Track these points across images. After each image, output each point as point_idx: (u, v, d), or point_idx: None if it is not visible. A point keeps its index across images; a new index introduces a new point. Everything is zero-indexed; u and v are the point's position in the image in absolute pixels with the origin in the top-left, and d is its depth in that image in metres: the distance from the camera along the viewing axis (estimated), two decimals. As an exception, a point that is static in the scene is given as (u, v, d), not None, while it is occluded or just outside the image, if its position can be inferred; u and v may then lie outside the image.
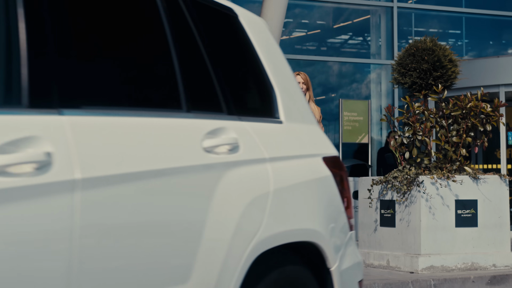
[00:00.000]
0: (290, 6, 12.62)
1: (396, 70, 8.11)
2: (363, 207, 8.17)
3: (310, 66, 13.32)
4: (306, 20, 13.53)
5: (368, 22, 13.72)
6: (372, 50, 13.76)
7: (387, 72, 13.49)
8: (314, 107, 7.96)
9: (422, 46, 8.00)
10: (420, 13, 14.06)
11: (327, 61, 13.42)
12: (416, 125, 7.76)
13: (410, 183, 7.63)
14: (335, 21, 13.72)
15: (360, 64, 13.76)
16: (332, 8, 13.59)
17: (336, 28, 13.74)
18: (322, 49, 13.65)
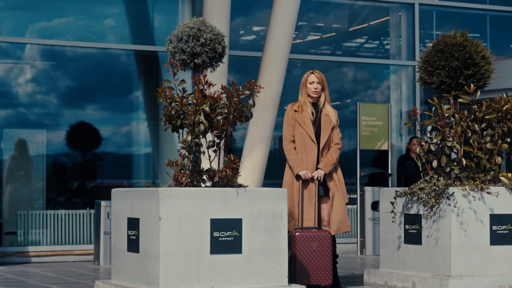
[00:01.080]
0: (304, 6, 11.80)
1: (422, 69, 7.24)
2: (385, 221, 7.30)
3: (325, 67, 12.45)
4: (321, 20, 12.66)
5: (387, 21, 12.83)
6: (391, 50, 12.88)
7: (408, 73, 12.59)
8: (331, 110, 7.10)
9: (452, 41, 7.13)
10: (442, 11, 13.16)
11: (343, 62, 12.55)
12: (445, 130, 6.88)
13: (438, 195, 6.75)
14: (352, 18, 12.84)
15: (379, 65, 12.87)
16: (348, 5, 12.72)
17: (353, 26, 12.86)
18: (338, 51, 12.77)
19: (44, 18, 11.29)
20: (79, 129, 11.71)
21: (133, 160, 11.91)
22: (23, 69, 11.28)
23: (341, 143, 7.21)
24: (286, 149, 7.03)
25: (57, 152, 11.64)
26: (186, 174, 6.04)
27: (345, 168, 12.91)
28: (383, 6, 12.83)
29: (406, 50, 12.68)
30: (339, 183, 7.05)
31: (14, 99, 11.20)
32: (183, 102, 6.00)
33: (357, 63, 12.69)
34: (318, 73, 7.04)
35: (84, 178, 11.93)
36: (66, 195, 11.69)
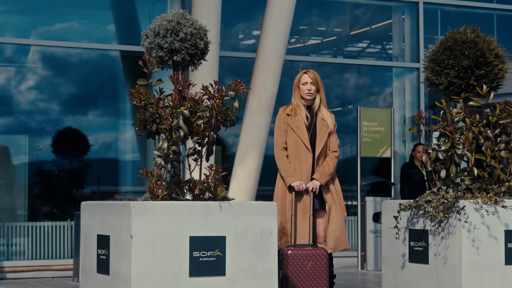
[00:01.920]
0: (304, 9, 11.10)
1: (428, 68, 6.53)
2: (388, 237, 6.58)
3: (326, 73, 11.75)
4: (322, 24, 11.95)
5: (389, 24, 12.13)
6: (394, 52, 12.16)
7: (412, 76, 11.88)
8: (327, 114, 6.40)
9: (462, 38, 6.42)
10: (447, 10, 12.45)
11: (344, 65, 11.83)
12: (454, 136, 6.17)
13: (447, 209, 6.04)
14: (354, 21, 12.14)
15: (381, 68, 12.15)
16: (350, 6, 12.02)
17: (354, 29, 12.16)
18: (339, 55, 12.05)
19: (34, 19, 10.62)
20: (65, 135, 11.04)
21: (119, 167, 11.21)
22: (3, 71, 10.59)
23: (340, 151, 6.51)
24: (278, 157, 6.33)
25: (41, 159, 10.96)
26: (163, 186, 5.33)
27: (345, 177, 12.33)
28: (385, 5, 12.12)
29: (410, 52, 11.97)
30: (336, 195, 6.34)
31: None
32: (159, 105, 5.29)
33: (359, 65, 11.98)
34: (312, 72, 6.35)
35: (67, 187, 11.24)
36: (48, 205, 10.99)
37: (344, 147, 11.72)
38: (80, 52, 10.68)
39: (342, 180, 12.59)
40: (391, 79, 12.20)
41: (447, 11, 12.48)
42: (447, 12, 12.47)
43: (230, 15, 11.27)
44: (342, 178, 11.79)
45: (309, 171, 6.27)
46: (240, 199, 9.63)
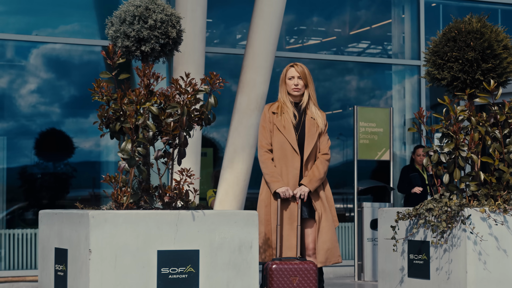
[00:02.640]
0: (301, 8, 10.48)
1: (430, 62, 5.88)
2: (385, 249, 5.94)
3: (319, 66, 11.11)
4: (321, 23, 11.31)
5: (389, 23, 11.47)
6: (393, 48, 11.50)
7: (412, 73, 11.23)
8: (317, 112, 5.76)
9: (467, 27, 5.77)
10: (449, 4, 11.80)
11: (341, 61, 11.18)
12: (459, 137, 5.53)
13: (451, 218, 5.40)
14: (353, 20, 11.49)
15: (381, 65, 11.49)
16: (349, 3, 11.37)
17: (353, 29, 11.51)
18: (338, 50, 11.38)
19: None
20: (49, 136, 10.41)
21: (101, 171, 10.56)
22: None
23: (331, 153, 5.86)
24: (262, 160, 5.69)
25: (20, 163, 10.32)
26: (128, 192, 4.69)
27: (341, 180, 11.68)
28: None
29: (410, 48, 11.32)
30: (327, 203, 5.70)
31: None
32: (123, 100, 4.65)
33: (358, 65, 11.32)
34: (299, 66, 5.71)
35: (51, 191, 10.60)
36: (27, 211, 10.35)
37: (340, 149, 11.08)
38: (62, 48, 10.05)
39: (337, 184, 12.03)
40: (390, 75, 11.55)
41: (449, 5, 11.82)
42: (449, 7, 11.82)
43: (226, 9, 10.66)
44: (337, 182, 11.18)
45: (296, 175, 5.62)
46: (228, 204, 8.99)
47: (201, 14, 8.63)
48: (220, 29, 11.08)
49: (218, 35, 10.95)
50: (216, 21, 10.85)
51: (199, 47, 8.66)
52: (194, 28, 8.60)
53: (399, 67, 11.38)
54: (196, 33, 8.63)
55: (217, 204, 9.11)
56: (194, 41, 8.61)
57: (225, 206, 9.02)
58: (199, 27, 8.64)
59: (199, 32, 8.63)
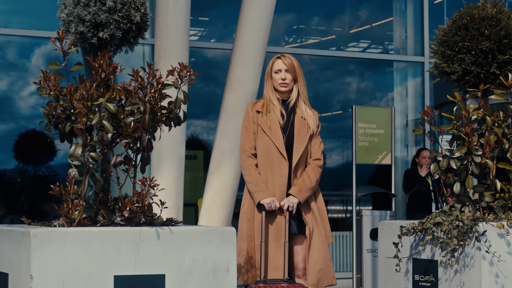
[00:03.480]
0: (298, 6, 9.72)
1: (438, 53, 5.12)
2: (386, 268, 5.18)
3: (316, 65, 10.35)
4: (321, 22, 10.54)
5: (390, 21, 10.70)
6: (395, 43, 10.72)
7: (415, 70, 10.46)
8: (308, 111, 5.00)
9: (481, 13, 5.01)
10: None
11: (337, 59, 10.41)
12: (472, 139, 4.77)
13: (463, 234, 4.64)
14: (353, 19, 10.73)
15: (380, 62, 10.70)
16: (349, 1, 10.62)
17: (353, 28, 10.74)
18: (332, 45, 10.59)
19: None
20: (28, 138, 9.70)
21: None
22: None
23: (326, 157, 5.07)
24: (244, 166, 4.93)
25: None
26: (80, 206, 3.93)
27: (337, 186, 10.90)
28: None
29: (413, 43, 10.54)
30: (320, 215, 4.94)
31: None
32: (74, 96, 3.89)
33: (355, 61, 10.55)
34: (287, 57, 4.95)
35: (29, 197, 9.86)
36: (9, 218, 9.62)
37: (338, 152, 10.30)
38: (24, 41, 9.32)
39: (334, 190, 11.26)
40: (391, 72, 10.77)
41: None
42: (454, 1, 11.05)
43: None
44: (334, 187, 10.42)
45: (284, 184, 4.86)
46: (215, 213, 8.23)
47: (184, 5, 7.86)
48: (219, 27, 10.36)
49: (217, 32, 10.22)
50: (214, 19, 10.13)
51: (182, 40, 7.90)
52: (177, 19, 7.84)
53: (401, 64, 10.61)
54: (179, 25, 7.87)
55: (203, 213, 8.35)
56: (177, 33, 7.85)
57: (212, 215, 8.27)
58: (182, 19, 7.88)
59: (182, 24, 7.87)
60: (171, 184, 8.06)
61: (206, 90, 10.25)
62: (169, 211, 8.03)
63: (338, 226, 10.29)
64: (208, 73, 10.15)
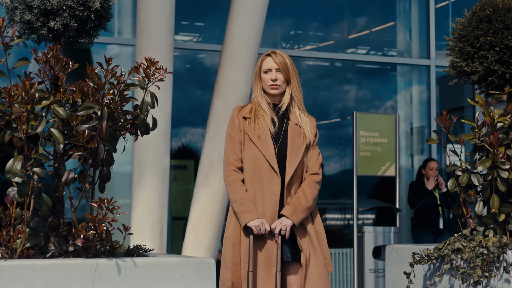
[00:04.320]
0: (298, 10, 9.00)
1: (455, 50, 4.39)
2: (395, 301, 4.44)
3: (311, 66, 9.62)
4: (319, 27, 9.80)
5: (392, 11, 9.97)
6: (398, 45, 9.98)
7: (421, 75, 9.73)
8: (303, 117, 4.26)
9: (506, 3, 4.28)
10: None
11: (335, 60, 9.67)
12: (498, 151, 4.03)
13: (488, 263, 3.90)
14: (352, 24, 10.00)
15: (383, 64, 9.97)
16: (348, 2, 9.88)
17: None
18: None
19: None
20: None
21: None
22: None
23: (332, 167, 4.32)
24: (229, 182, 4.19)
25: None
26: (23, 233, 3.19)
27: (335, 195, 10.14)
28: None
29: (418, 45, 9.81)
30: (317, 240, 4.19)
31: None
32: (13, 98, 3.15)
33: (356, 64, 9.82)
34: (278, 54, 4.22)
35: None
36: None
37: (337, 162, 9.56)
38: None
39: (333, 203, 10.52)
40: (394, 77, 10.03)
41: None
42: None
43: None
44: (333, 200, 9.69)
45: (275, 203, 4.12)
46: (203, 230, 7.48)
47: (167, 1, 7.13)
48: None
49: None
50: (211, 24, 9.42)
51: (166, 39, 7.17)
52: (160, 15, 7.11)
53: (405, 67, 9.88)
54: (162, 22, 7.14)
55: (189, 230, 7.61)
56: (160, 31, 7.12)
57: (199, 232, 7.52)
58: (166, 15, 7.15)
59: (166, 21, 7.14)
60: (154, 198, 7.33)
61: (197, 95, 9.53)
62: (151, 228, 7.30)
63: (337, 242, 9.55)
64: (203, 79, 9.45)
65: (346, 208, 9.68)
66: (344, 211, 9.80)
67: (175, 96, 8.17)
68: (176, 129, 9.30)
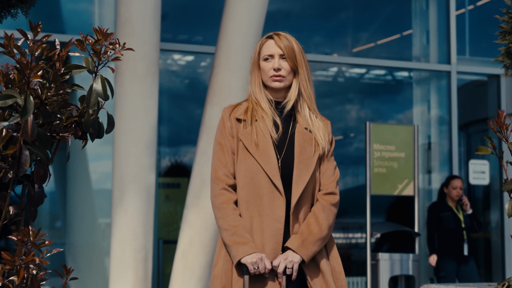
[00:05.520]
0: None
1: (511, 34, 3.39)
2: None
3: (321, 72, 8.66)
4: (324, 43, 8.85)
5: (408, 12, 9.00)
6: (414, 50, 8.98)
7: (440, 81, 8.74)
8: (315, 119, 3.26)
9: None
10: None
11: (345, 65, 8.69)
12: None
13: None
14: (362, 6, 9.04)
15: (398, 70, 8.97)
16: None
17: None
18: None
19: None
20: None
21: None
22: None
23: (339, 190, 3.32)
24: (217, 204, 3.19)
25: None
26: None
27: (345, 218, 9.15)
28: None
29: (436, 49, 8.82)
30: (334, 281, 3.18)
31: None
32: None
33: (367, 71, 8.84)
34: (283, 36, 3.23)
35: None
36: None
37: (348, 179, 8.58)
38: None
39: (343, 225, 9.54)
40: (410, 84, 9.03)
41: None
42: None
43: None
44: (343, 221, 8.73)
45: (278, 233, 3.11)
46: (193, 257, 6.50)
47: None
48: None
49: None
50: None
51: (151, 37, 6.20)
52: (143, 9, 6.15)
53: (422, 74, 8.88)
54: (147, 18, 6.17)
55: (179, 257, 6.61)
56: (144, 29, 6.15)
57: (189, 260, 6.53)
58: (150, 9, 6.18)
59: (150, 16, 6.17)
60: (137, 221, 6.35)
61: (198, 113, 8.64)
62: (134, 255, 6.31)
63: (347, 270, 8.53)
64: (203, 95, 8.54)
65: (355, 228, 8.73)
66: (354, 231, 8.85)
67: (175, 114, 7.33)
68: (176, 148, 8.45)
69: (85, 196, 7.76)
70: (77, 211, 7.78)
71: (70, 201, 7.80)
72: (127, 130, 6.28)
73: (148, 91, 6.22)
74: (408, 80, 9.02)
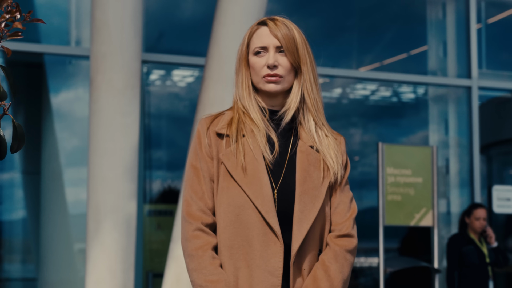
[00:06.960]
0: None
1: None
2: None
3: (329, 87, 7.85)
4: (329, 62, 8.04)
5: (423, 22, 8.18)
6: (430, 63, 8.13)
7: (459, 98, 7.90)
8: (321, 133, 2.40)
9: None
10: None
11: (357, 79, 7.87)
12: None
13: None
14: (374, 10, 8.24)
15: (414, 85, 8.14)
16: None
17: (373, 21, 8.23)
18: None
19: None
20: None
21: (3, 229, 7.30)
22: None
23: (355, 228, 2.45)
24: (190, 251, 2.33)
25: None
26: None
27: (357, 254, 8.31)
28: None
29: (455, 62, 7.98)
30: None
31: None
32: None
33: (379, 82, 8.02)
34: (281, 23, 2.38)
35: None
36: None
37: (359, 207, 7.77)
38: None
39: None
40: (426, 101, 8.18)
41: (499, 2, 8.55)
42: (496, 4, 8.52)
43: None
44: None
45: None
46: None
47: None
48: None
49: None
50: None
51: (130, 43, 5.37)
52: (121, 13, 5.32)
53: (439, 90, 8.04)
54: (125, 21, 5.35)
55: (163, 298, 5.75)
56: (122, 35, 5.33)
57: (176, 302, 5.67)
58: (129, 12, 5.35)
59: (129, 20, 5.34)
60: (116, 257, 5.50)
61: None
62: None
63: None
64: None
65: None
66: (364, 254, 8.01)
67: (177, 136, 6.63)
68: (169, 172, 7.73)
69: (60, 226, 6.92)
70: (52, 243, 6.95)
71: (44, 232, 6.96)
72: (104, 152, 5.44)
73: (128, 107, 5.39)
74: (424, 96, 8.18)
